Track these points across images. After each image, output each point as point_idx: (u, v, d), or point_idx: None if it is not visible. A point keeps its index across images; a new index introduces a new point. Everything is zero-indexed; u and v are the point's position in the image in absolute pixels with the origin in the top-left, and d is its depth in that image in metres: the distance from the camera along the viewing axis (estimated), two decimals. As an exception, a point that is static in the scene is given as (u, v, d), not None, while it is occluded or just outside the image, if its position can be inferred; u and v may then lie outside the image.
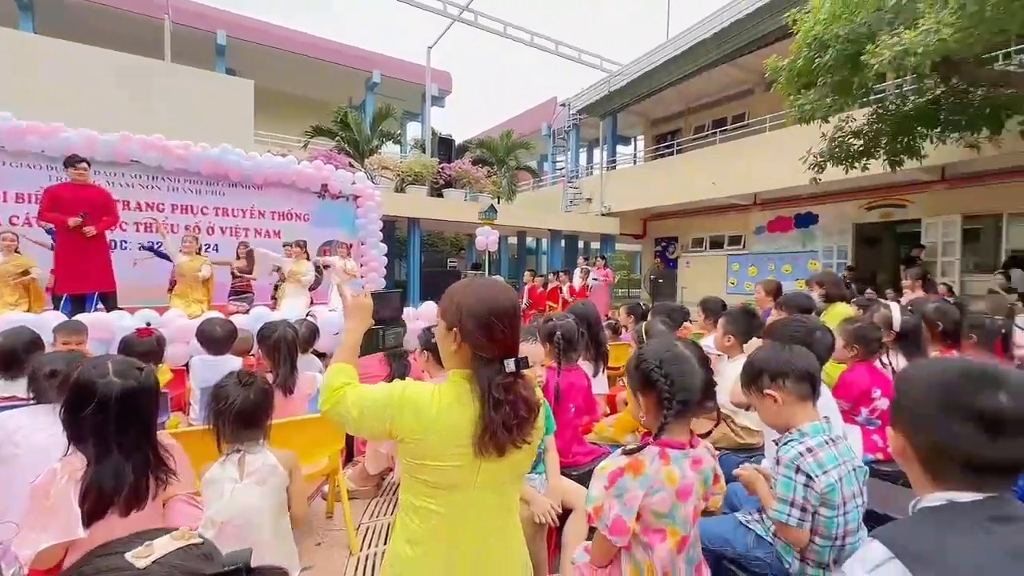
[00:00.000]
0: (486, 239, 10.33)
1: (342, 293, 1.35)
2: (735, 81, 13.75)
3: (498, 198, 13.74)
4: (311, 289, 6.56)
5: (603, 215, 15.52)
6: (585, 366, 2.63)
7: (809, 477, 1.42)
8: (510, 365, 1.08)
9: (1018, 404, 0.81)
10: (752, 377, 1.63)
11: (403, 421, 1.06)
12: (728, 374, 2.43)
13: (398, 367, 2.69)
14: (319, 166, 8.24)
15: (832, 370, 2.69)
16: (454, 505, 1.08)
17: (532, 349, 2.07)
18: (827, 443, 1.49)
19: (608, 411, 3.08)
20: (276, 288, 6.90)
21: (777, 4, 9.43)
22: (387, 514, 2.65)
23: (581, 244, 17.66)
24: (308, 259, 6.57)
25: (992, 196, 9.62)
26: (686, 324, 4.56)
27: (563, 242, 15.84)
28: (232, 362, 2.85)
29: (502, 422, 1.05)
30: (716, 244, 14.71)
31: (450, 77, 18.24)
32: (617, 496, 1.18)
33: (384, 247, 9.27)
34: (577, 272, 9.95)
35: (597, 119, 16.37)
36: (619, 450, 1.26)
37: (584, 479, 2.03)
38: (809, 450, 1.45)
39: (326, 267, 6.89)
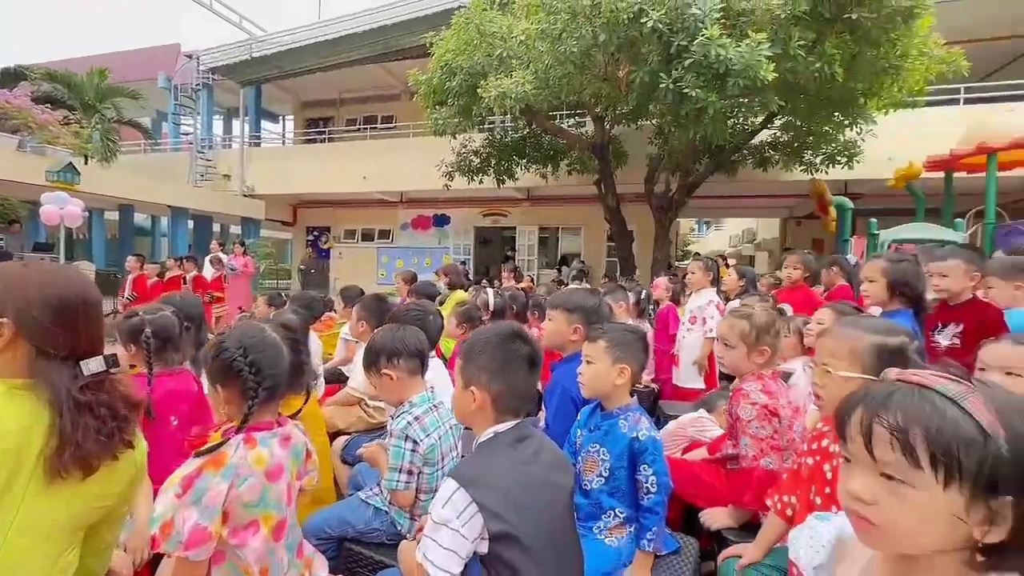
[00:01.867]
0: (60, 209, 7.49)
1: None
2: (386, 83, 14.52)
3: (85, 156, 10.18)
4: None
5: (245, 196, 13.71)
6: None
7: (415, 442, 1.61)
8: (94, 364, 0.89)
9: (536, 348, 1.21)
10: (372, 359, 1.73)
11: None
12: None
13: None
14: None
15: (448, 344, 3.22)
16: None
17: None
18: (431, 409, 1.72)
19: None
20: None
21: (419, 23, 10.45)
22: None
23: (218, 227, 15.08)
24: None
25: (554, 214, 13.71)
26: (330, 314, 4.53)
27: (191, 223, 13.13)
28: None
29: (95, 428, 0.85)
30: (368, 236, 15.36)
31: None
32: (194, 502, 1.01)
33: None
34: (208, 259, 8.40)
35: (237, 85, 14.26)
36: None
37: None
38: (416, 418, 1.65)
39: None
